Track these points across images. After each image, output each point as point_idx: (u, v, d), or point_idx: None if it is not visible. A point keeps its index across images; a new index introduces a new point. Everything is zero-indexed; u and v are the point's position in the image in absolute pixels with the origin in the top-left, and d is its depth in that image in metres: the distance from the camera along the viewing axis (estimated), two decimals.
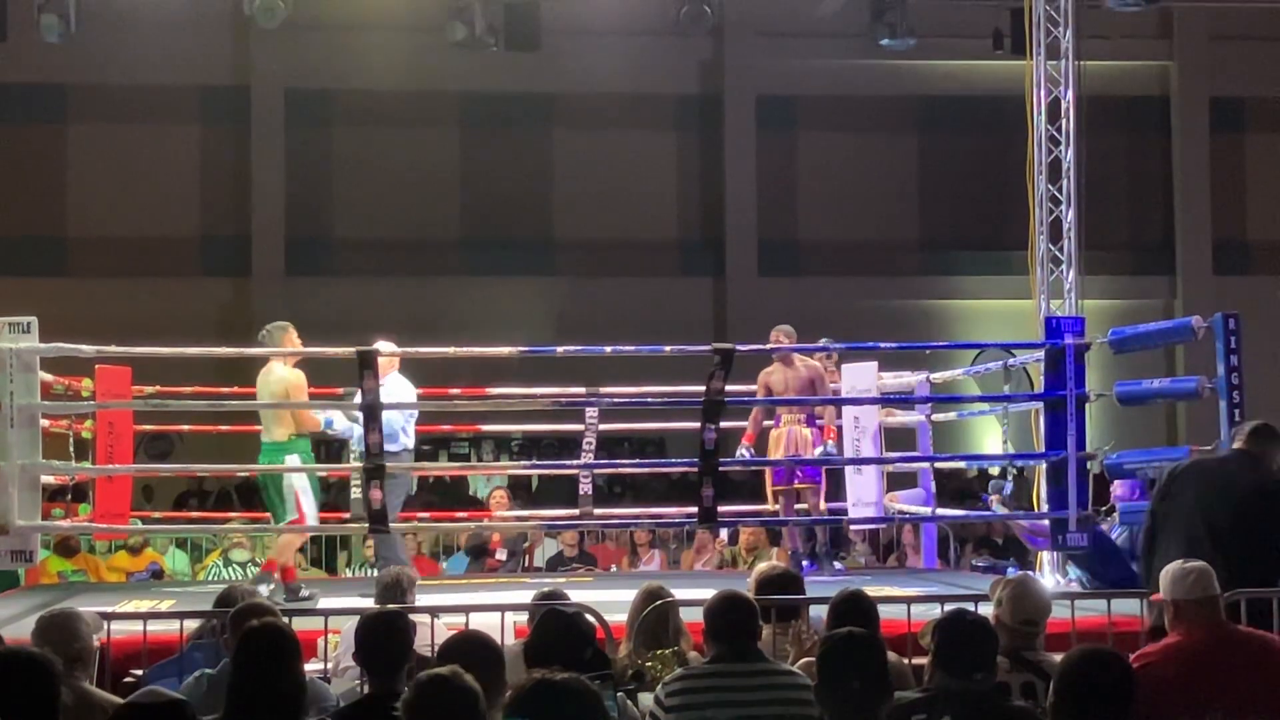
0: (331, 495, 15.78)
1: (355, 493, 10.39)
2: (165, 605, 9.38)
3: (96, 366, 10.94)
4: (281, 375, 10.13)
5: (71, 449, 11.13)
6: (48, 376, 10.11)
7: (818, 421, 11.47)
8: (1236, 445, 8.00)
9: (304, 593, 9.94)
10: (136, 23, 17.89)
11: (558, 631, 5.67)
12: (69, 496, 12.46)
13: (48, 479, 10.28)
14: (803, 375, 11.41)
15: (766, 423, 11.69)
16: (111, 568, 13.46)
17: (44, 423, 9.77)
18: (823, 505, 11.62)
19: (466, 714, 4.10)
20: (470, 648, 5.10)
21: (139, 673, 6.76)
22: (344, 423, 10.38)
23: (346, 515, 11.09)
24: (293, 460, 10.03)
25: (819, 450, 11.37)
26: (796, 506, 11.61)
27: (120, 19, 17.23)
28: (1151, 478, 10.12)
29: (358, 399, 10.29)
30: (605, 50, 19.94)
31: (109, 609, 8.00)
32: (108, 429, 11.15)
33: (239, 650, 5.01)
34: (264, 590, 9.12)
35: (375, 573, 10.95)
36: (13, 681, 4.35)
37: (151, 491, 16.81)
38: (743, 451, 11.49)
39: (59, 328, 9.77)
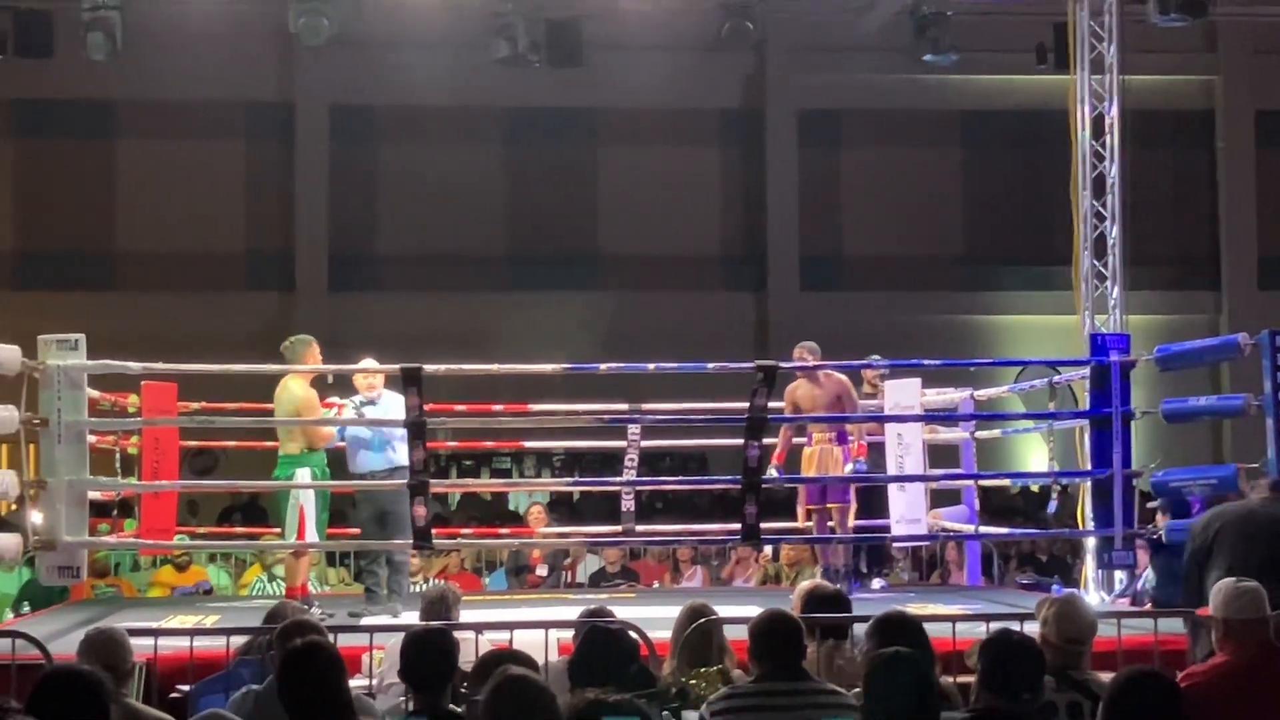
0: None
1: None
2: (210, 621, 9.42)
3: (142, 383, 11.00)
4: (294, 394, 10.14)
5: (118, 465, 11.20)
6: (95, 393, 10.18)
7: (849, 438, 11.35)
8: (1260, 495, 8.05)
9: (314, 609, 9.75)
10: (182, 39, 18.00)
11: (603, 648, 5.67)
12: (115, 512, 12.53)
13: (94, 495, 10.34)
14: (830, 392, 11.27)
15: (798, 439, 11.57)
16: (156, 583, 13.51)
17: (91, 439, 9.84)
18: (850, 523, 11.51)
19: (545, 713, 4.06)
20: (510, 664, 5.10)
21: (185, 688, 6.79)
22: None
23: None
24: (304, 473, 10.04)
25: (848, 468, 11.24)
26: (828, 524, 11.54)
27: (166, 36, 17.35)
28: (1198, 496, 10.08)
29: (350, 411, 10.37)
30: (648, 66, 19.96)
31: (155, 625, 8.06)
32: (153, 445, 11.22)
33: (284, 669, 5.01)
34: (316, 612, 9.16)
35: (420, 589, 11.02)
36: (65, 699, 4.37)
37: (196, 506, 16.87)
38: (773, 471, 11.39)
39: (105, 341, 9.84)
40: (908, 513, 11.59)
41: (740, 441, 9.89)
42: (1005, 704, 5.04)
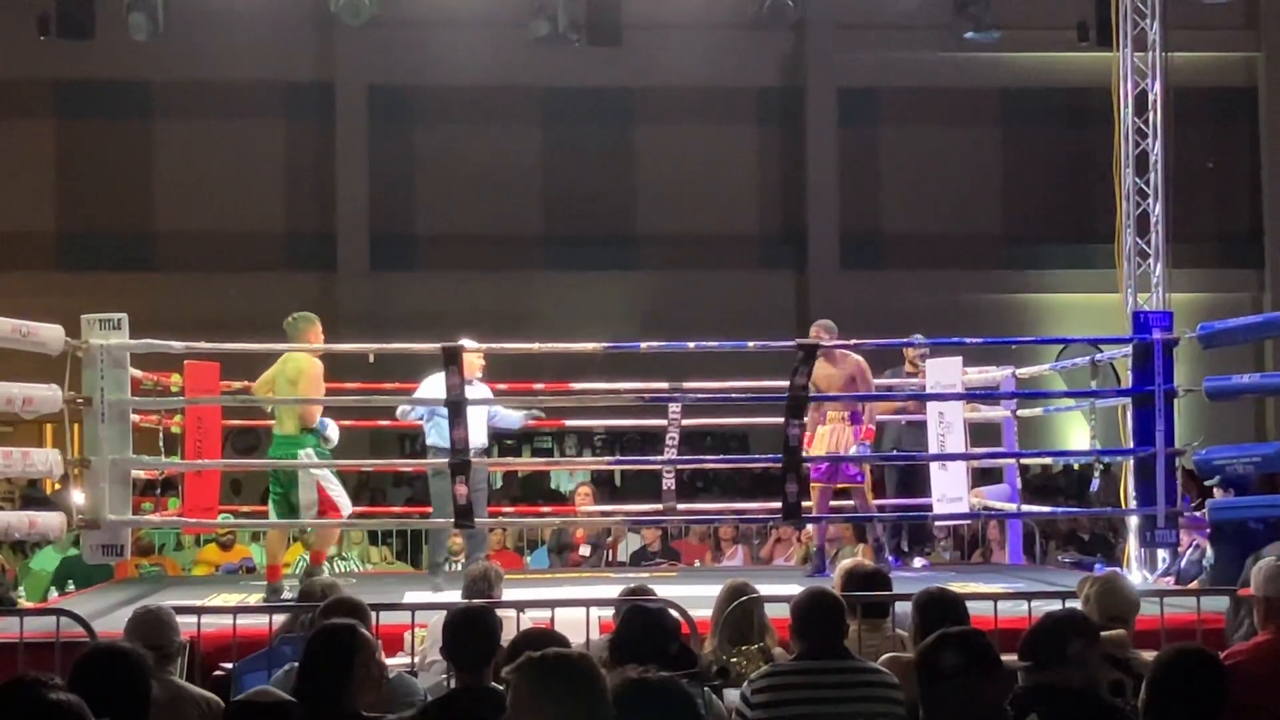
0: (417, 490, 15.94)
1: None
2: (253, 599, 9.45)
3: (185, 362, 11.05)
4: (299, 364, 9.94)
5: (161, 444, 11.24)
6: (137, 372, 10.22)
7: (861, 418, 11.26)
8: None
9: (285, 594, 9.58)
10: (222, 20, 18.04)
11: (643, 627, 5.66)
12: (158, 491, 12.59)
13: (138, 474, 10.37)
14: (845, 372, 11.12)
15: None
16: (200, 561, 13.57)
17: (134, 418, 9.88)
18: (870, 502, 11.44)
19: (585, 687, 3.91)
20: (542, 644, 5.09)
21: (229, 666, 6.82)
22: (334, 431, 10.20)
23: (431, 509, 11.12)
24: (306, 453, 9.88)
25: (853, 450, 11.17)
26: (831, 503, 11.40)
27: (206, 16, 17.39)
28: (1241, 474, 10.05)
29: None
30: (686, 44, 19.93)
31: (199, 603, 8.09)
32: (196, 424, 11.27)
33: (305, 649, 5.02)
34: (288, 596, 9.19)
35: (459, 567, 11.04)
36: (105, 676, 4.39)
37: (240, 486, 16.94)
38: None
39: (146, 322, 9.87)
40: (949, 491, 11.56)
41: (781, 420, 9.87)
42: (1048, 680, 5.00)
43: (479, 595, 7.37)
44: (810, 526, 11.69)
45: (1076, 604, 6.20)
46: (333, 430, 10.15)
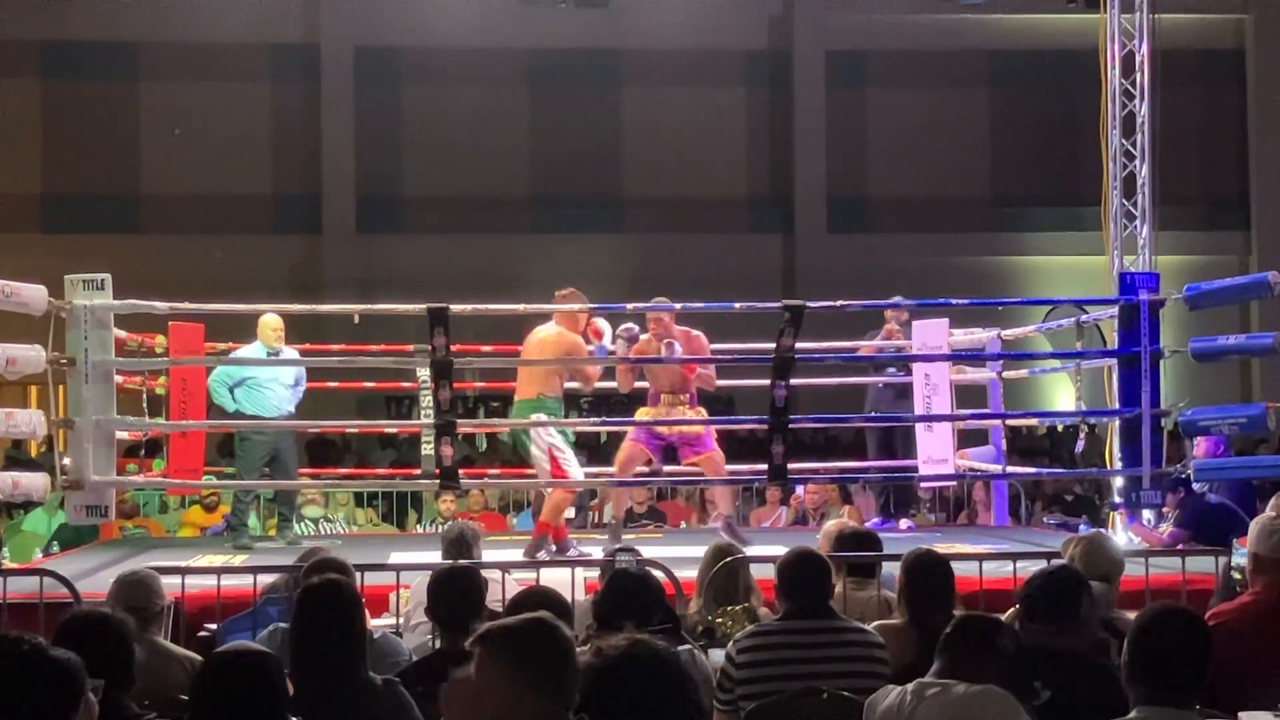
0: (403, 452, 15.93)
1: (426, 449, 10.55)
2: (239, 560, 9.45)
3: (170, 323, 11.02)
4: (558, 334, 9.96)
5: (145, 405, 11.21)
6: (121, 333, 10.19)
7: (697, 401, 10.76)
8: None
9: (572, 551, 9.56)
10: None
11: (628, 591, 5.65)
12: (143, 452, 12.56)
13: (122, 435, 10.35)
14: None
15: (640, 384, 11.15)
16: (185, 523, 13.55)
17: (118, 379, 9.85)
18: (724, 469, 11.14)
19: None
20: (541, 603, 5.10)
21: (213, 627, 6.81)
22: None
23: (417, 471, 11.14)
24: (538, 419, 9.76)
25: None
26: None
27: None
28: (1226, 435, 10.06)
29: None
30: (674, 6, 19.89)
31: (183, 564, 8.08)
32: (181, 385, 11.24)
33: (297, 606, 5.02)
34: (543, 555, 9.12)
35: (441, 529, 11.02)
36: (89, 642, 4.37)
37: (225, 448, 16.90)
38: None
39: (131, 284, 9.85)
40: (935, 453, 11.56)
41: (767, 382, 9.86)
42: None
43: (458, 556, 7.36)
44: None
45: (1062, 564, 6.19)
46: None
